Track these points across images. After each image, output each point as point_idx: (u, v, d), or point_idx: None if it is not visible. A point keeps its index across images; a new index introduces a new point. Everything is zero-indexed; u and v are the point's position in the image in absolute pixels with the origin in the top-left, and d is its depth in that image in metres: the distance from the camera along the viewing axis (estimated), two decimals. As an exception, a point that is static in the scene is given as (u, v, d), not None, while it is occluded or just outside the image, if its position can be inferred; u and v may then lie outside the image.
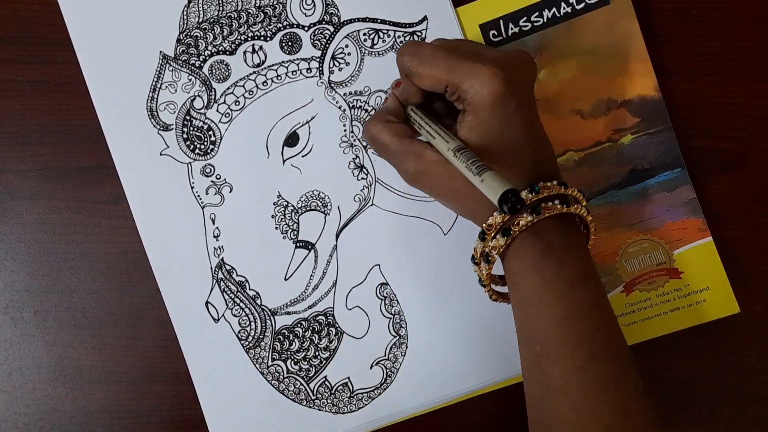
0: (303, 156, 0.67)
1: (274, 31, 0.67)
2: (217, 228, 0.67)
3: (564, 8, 0.67)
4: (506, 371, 0.67)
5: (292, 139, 0.67)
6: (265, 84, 0.67)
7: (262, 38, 0.67)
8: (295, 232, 0.67)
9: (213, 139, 0.67)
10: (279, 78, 0.67)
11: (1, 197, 0.69)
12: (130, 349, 0.69)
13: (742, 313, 0.67)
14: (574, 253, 0.55)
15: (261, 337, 0.67)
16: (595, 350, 0.53)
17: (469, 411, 0.69)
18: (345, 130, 0.67)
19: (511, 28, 0.67)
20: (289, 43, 0.67)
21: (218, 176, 0.67)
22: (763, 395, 0.69)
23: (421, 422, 0.69)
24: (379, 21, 0.67)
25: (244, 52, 0.67)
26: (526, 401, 0.57)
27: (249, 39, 0.67)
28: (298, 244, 0.67)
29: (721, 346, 0.69)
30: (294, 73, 0.67)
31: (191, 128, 0.67)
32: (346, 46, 0.67)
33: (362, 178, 0.67)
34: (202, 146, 0.67)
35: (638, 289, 0.68)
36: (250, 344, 0.67)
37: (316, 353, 0.67)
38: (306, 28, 0.67)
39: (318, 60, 0.67)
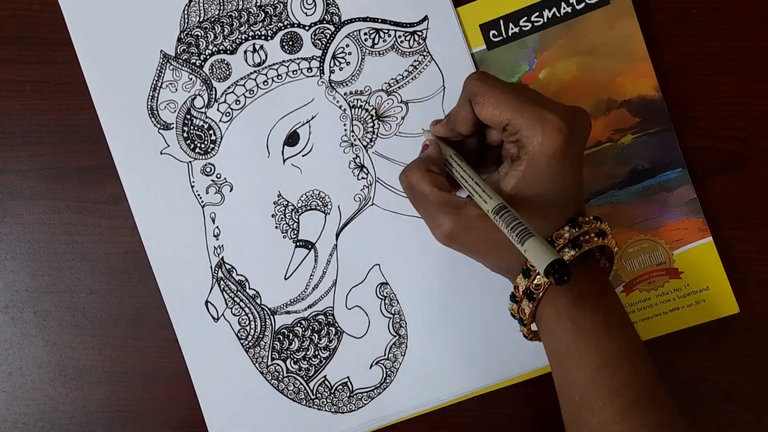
0: (303, 155, 0.67)
1: (274, 30, 0.67)
2: (217, 227, 0.67)
3: (564, 8, 0.67)
4: (506, 371, 0.67)
5: (292, 139, 0.67)
6: (265, 83, 0.67)
7: (262, 37, 0.67)
8: (295, 232, 0.67)
9: (213, 138, 0.67)
10: (279, 77, 0.67)
11: (1, 197, 0.69)
12: (130, 349, 0.69)
13: (742, 313, 0.67)
14: (606, 299, 0.55)
15: (260, 336, 0.67)
16: (634, 397, 0.52)
17: (469, 411, 0.69)
18: (345, 130, 0.67)
19: (511, 28, 0.67)
20: (290, 43, 0.67)
21: (218, 175, 0.67)
22: (763, 395, 0.69)
23: (421, 422, 0.69)
24: (379, 21, 0.67)
25: (245, 52, 0.67)
26: None
27: (250, 38, 0.67)
28: (298, 244, 0.67)
29: (721, 346, 0.69)
30: (294, 72, 0.67)
31: (192, 127, 0.67)
32: (347, 45, 0.67)
33: (362, 178, 0.67)
34: (203, 145, 0.67)
35: (638, 289, 0.68)
36: (250, 343, 0.67)
37: (316, 353, 0.67)
38: (307, 28, 0.67)
39: (318, 59, 0.67)
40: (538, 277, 0.54)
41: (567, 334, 0.54)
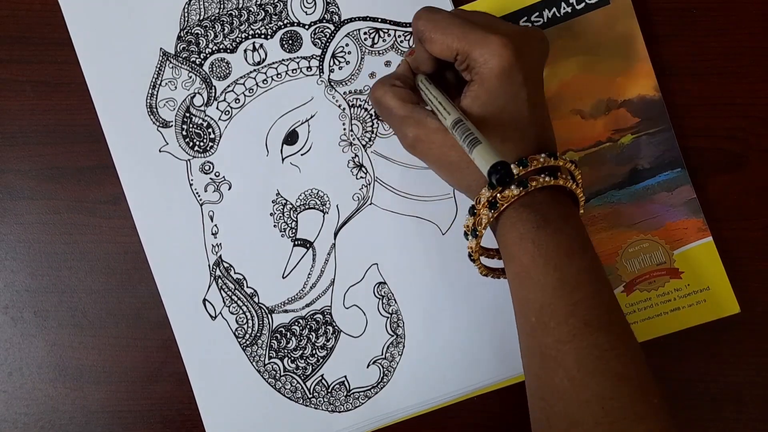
0: (302, 154, 0.67)
1: (274, 29, 0.67)
2: (216, 225, 0.67)
3: (564, 8, 0.67)
4: (504, 371, 0.67)
5: (291, 138, 0.67)
6: (265, 82, 0.67)
7: (262, 36, 0.67)
8: (294, 231, 0.67)
9: (212, 136, 0.67)
10: (279, 76, 0.67)
11: (1, 197, 0.69)
12: (130, 349, 0.69)
13: (742, 313, 0.67)
14: (569, 223, 0.55)
15: (258, 335, 0.67)
16: (589, 318, 0.52)
17: (467, 411, 0.69)
18: (344, 129, 0.67)
19: (511, 28, 0.67)
20: (290, 42, 0.67)
21: (217, 173, 0.67)
22: (763, 395, 0.68)
23: (419, 422, 0.68)
24: (379, 20, 0.67)
25: (245, 50, 0.67)
26: (524, 372, 0.57)
27: (250, 37, 0.67)
28: (296, 243, 0.67)
29: (721, 346, 0.68)
30: (294, 71, 0.67)
31: (191, 125, 0.67)
32: (347, 44, 0.67)
33: (361, 177, 0.67)
34: (202, 143, 0.67)
35: (638, 289, 0.68)
36: (247, 342, 0.67)
37: (313, 351, 0.67)
38: (306, 27, 0.67)
39: (318, 58, 0.67)
40: (483, 213, 0.54)
41: (528, 256, 0.54)
